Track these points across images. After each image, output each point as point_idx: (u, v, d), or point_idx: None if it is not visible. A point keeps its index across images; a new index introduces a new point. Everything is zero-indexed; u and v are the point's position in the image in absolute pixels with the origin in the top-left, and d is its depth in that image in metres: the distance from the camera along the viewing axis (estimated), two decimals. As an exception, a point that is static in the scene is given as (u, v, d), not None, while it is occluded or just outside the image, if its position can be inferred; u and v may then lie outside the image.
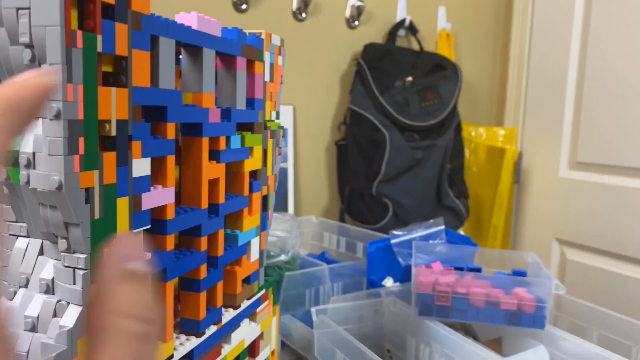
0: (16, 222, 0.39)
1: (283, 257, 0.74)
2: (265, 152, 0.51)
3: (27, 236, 0.38)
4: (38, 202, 0.34)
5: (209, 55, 0.41)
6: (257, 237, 0.50)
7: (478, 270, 0.65)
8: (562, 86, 1.34)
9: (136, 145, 0.34)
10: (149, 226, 0.36)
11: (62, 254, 0.34)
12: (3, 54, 0.33)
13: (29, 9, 0.30)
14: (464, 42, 1.50)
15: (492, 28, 1.54)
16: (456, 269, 0.65)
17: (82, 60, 0.30)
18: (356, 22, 1.30)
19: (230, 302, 0.47)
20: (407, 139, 1.24)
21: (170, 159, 0.37)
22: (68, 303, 0.35)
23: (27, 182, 0.33)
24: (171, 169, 0.38)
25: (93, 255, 0.33)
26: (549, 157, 1.39)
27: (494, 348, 0.59)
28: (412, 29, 1.36)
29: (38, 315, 0.35)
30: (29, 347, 0.35)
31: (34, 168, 0.32)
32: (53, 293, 0.35)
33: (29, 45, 0.31)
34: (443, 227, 0.81)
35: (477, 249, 0.76)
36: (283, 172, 1.22)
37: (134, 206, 0.35)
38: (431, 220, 0.81)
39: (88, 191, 0.32)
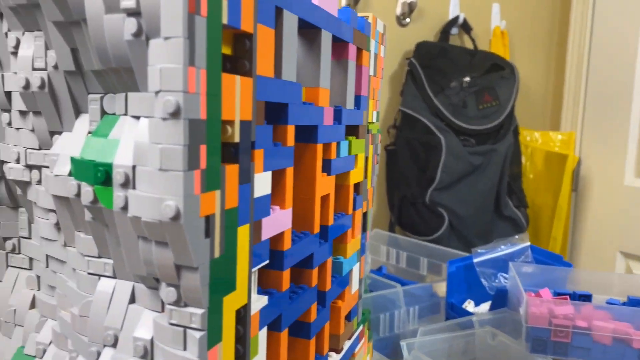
0: (99, 257, 0.30)
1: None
2: (366, 160, 0.42)
3: (113, 277, 0.30)
4: (138, 236, 0.25)
5: (326, 40, 0.32)
6: (358, 264, 0.42)
7: (588, 297, 0.56)
8: (627, 90, 1.24)
9: (258, 155, 0.25)
10: (267, 261, 0.28)
11: (170, 307, 0.25)
12: (94, 26, 0.24)
13: None
14: (517, 41, 1.40)
15: (548, 26, 1.45)
16: (559, 294, 0.56)
17: (206, 34, 0.22)
18: (407, 20, 1.22)
19: (334, 344, 0.38)
20: (464, 144, 1.15)
21: (290, 173, 0.29)
22: None
23: (124, 208, 0.24)
24: (290, 185, 0.29)
25: (212, 310, 0.24)
26: (611, 163, 1.29)
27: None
28: (466, 27, 1.28)
29: None
30: None
31: (134, 188, 0.24)
32: (152, 359, 0.26)
33: (134, 12, 0.23)
34: (529, 243, 0.72)
35: (572, 270, 0.66)
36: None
37: (254, 236, 0.26)
38: (516, 236, 0.72)
39: (208, 220, 0.23)
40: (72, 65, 0.30)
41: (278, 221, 0.29)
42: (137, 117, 0.26)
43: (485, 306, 0.69)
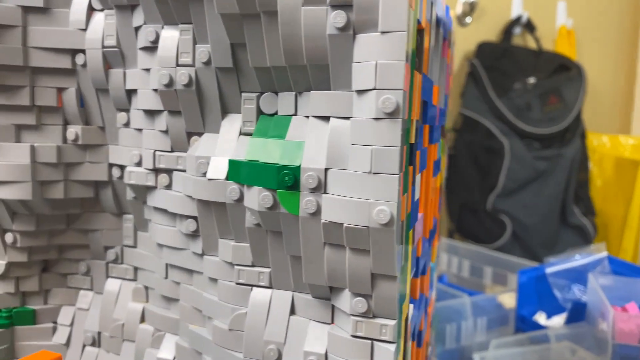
0: (252, 266, 0.28)
1: (418, 285, 0.63)
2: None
3: (269, 287, 0.28)
4: (325, 243, 0.23)
5: (440, 36, 0.30)
6: (436, 271, 0.40)
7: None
8: None
9: (417, 157, 0.24)
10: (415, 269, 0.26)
11: (355, 318, 0.23)
12: (287, 19, 0.23)
13: None
14: (585, 40, 1.34)
15: (618, 24, 1.37)
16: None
17: (412, 27, 0.21)
18: (468, 19, 1.18)
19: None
20: (528, 148, 1.10)
21: (424, 176, 0.27)
22: None
23: (314, 214, 0.23)
24: (424, 189, 0.28)
25: (399, 322, 0.23)
26: (691, 170, 1.20)
27: None
28: (530, 26, 1.23)
29: None
30: None
31: (326, 192, 0.23)
32: None
33: (344, 5, 0.21)
34: (606, 254, 0.67)
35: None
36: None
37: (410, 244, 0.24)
38: (592, 246, 0.67)
39: (402, 226, 0.22)
40: (229, 61, 0.29)
41: (421, 227, 0.27)
42: (323, 118, 0.25)
43: (558, 319, 0.65)
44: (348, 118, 0.24)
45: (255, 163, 0.26)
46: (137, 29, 0.32)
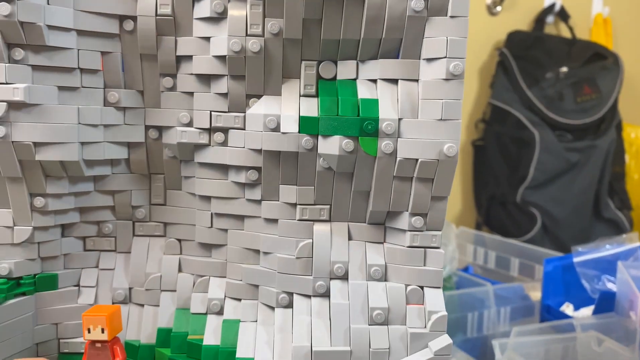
0: (314, 205, 0.36)
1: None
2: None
3: (328, 220, 0.36)
4: (396, 177, 0.33)
5: None
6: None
7: None
8: None
9: None
10: None
11: (410, 233, 0.33)
12: (374, 3, 0.31)
13: None
14: (622, 29, 1.29)
15: (658, 12, 1.32)
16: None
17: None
18: (498, 8, 1.16)
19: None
20: (560, 139, 1.07)
21: None
22: (422, 287, 0.33)
23: (391, 154, 0.32)
24: None
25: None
26: None
27: None
28: (563, 15, 1.19)
29: (388, 307, 0.33)
30: (387, 343, 0.32)
31: (400, 136, 0.32)
32: (386, 280, 0.34)
33: None
34: (638, 244, 0.64)
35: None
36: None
37: None
38: (624, 235, 0.65)
39: None
40: (299, 33, 0.35)
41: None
42: (391, 80, 0.34)
43: (586, 311, 0.63)
44: (415, 80, 0.33)
45: (336, 117, 0.34)
46: (194, 0, 0.36)
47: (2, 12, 0.32)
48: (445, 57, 0.31)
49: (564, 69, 1.08)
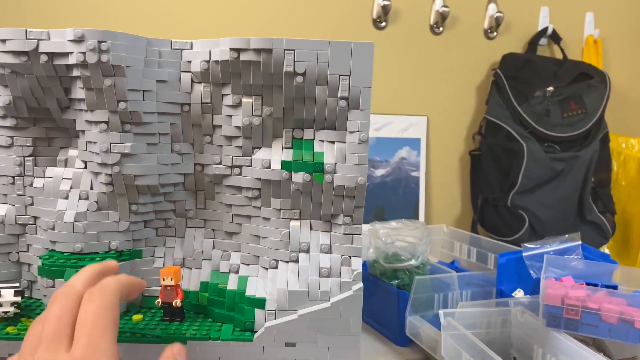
0: (291, 209, 0.58)
1: (413, 262, 0.79)
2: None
3: (299, 219, 0.58)
4: (334, 195, 0.55)
5: None
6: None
7: (614, 287, 0.64)
8: None
9: None
10: None
11: (343, 226, 0.56)
12: (320, 101, 0.55)
13: (349, 76, 0.53)
14: (613, 48, 1.41)
15: (649, 31, 1.43)
16: (589, 284, 0.64)
17: None
18: (494, 33, 1.30)
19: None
20: (547, 150, 1.20)
21: None
22: (350, 256, 0.56)
23: (331, 182, 0.55)
24: None
25: None
26: None
27: (628, 367, 0.58)
28: (555, 37, 1.32)
29: (330, 267, 0.54)
30: (329, 287, 0.54)
31: (336, 173, 0.55)
32: (331, 252, 0.56)
33: (345, 98, 0.53)
34: (580, 242, 0.79)
35: (615, 267, 0.73)
36: (415, 181, 1.26)
37: None
38: (567, 235, 0.80)
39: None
40: (281, 114, 0.56)
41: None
42: (330, 141, 0.56)
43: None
44: (344, 142, 0.55)
45: (301, 161, 0.55)
46: (223, 95, 0.57)
47: (121, 106, 0.54)
48: (358, 131, 0.53)
49: (550, 88, 1.21)
